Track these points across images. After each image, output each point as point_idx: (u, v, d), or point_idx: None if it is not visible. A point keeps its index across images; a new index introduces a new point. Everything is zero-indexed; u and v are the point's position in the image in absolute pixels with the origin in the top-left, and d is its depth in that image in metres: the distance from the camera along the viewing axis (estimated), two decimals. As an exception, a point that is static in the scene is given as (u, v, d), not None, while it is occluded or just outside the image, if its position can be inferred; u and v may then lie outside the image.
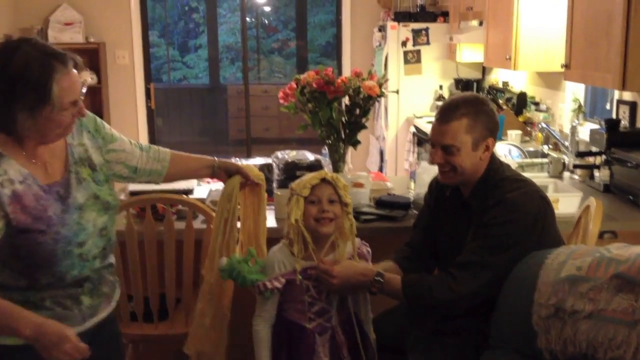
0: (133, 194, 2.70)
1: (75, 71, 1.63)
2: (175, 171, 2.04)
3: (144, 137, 6.70)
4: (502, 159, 3.77)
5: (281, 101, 3.01)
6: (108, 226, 1.78)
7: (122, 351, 2.01)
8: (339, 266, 2.03)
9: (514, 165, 3.42)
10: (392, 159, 6.09)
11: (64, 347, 1.53)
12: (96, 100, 6.32)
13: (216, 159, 2.13)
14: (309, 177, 2.05)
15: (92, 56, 6.21)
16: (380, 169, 6.16)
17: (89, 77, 6.12)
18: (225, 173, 2.11)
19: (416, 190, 2.91)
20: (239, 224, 2.21)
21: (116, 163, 1.88)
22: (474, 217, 2.08)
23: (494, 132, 2.13)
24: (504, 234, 1.99)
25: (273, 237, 2.22)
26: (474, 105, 2.10)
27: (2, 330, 1.57)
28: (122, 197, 2.81)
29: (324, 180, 2.04)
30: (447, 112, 2.11)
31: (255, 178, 2.17)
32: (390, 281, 2.07)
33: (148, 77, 6.72)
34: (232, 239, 2.14)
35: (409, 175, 3.68)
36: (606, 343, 1.59)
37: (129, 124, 6.57)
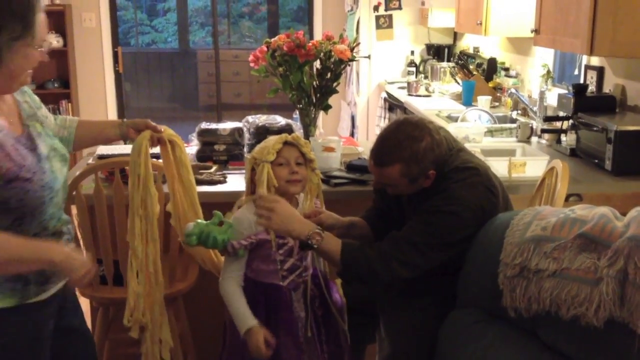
0: (101, 157, 2.67)
1: None
2: (83, 134, 2.01)
3: (112, 102, 6.60)
4: (471, 124, 3.81)
5: (252, 64, 2.99)
6: (67, 178, 1.80)
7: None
8: (281, 204, 1.95)
9: (482, 131, 3.45)
10: (363, 124, 6.09)
11: (86, 270, 1.66)
12: (62, 64, 6.19)
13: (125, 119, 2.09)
14: (272, 143, 2.03)
15: (58, 18, 6.06)
16: (352, 135, 6.17)
17: (53, 40, 5.98)
18: (134, 130, 2.05)
19: (386, 154, 2.92)
20: (166, 188, 2.17)
21: None
22: (420, 201, 2.06)
23: (437, 162, 2.01)
24: (442, 226, 1.97)
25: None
26: (407, 148, 1.97)
27: (33, 263, 1.63)
28: (90, 160, 2.79)
29: (286, 143, 2.05)
30: (379, 155, 2.03)
31: (169, 135, 2.08)
32: (329, 239, 1.99)
33: (115, 41, 6.59)
34: (151, 197, 2.04)
35: (380, 140, 3.68)
36: (569, 300, 1.63)
37: (97, 88, 6.45)
